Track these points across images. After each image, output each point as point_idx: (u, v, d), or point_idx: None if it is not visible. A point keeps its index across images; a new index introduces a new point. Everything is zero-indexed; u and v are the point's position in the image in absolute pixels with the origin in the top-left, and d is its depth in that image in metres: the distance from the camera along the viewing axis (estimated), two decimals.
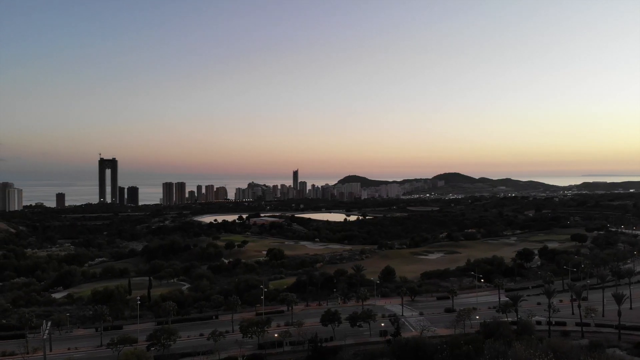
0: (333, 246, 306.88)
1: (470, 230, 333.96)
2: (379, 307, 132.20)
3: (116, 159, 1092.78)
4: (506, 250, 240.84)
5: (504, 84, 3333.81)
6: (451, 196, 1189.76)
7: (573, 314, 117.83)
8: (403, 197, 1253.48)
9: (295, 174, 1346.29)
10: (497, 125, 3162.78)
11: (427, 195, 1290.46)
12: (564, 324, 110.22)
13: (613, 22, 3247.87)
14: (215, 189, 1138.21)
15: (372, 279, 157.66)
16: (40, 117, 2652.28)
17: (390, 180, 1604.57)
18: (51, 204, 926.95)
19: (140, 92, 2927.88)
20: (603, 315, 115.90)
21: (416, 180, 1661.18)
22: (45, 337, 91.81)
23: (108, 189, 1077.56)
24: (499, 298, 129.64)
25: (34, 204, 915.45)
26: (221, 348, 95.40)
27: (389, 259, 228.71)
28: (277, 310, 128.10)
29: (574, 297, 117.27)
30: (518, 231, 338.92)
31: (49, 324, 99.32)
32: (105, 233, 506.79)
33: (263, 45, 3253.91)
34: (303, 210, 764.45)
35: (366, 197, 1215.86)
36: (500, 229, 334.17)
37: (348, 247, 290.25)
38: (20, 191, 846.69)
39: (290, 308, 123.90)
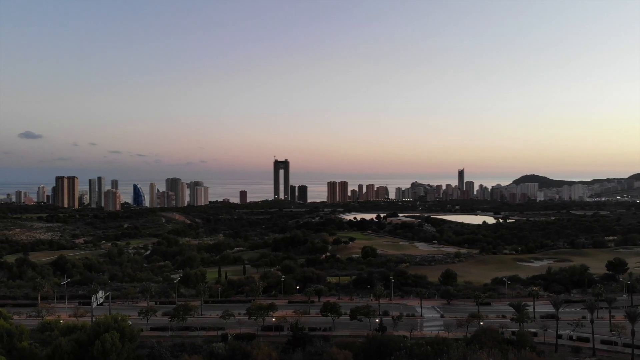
0: (446, 249, 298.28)
1: (608, 238, 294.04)
2: (409, 306, 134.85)
3: (288, 160, 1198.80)
4: (632, 261, 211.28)
5: None
6: None
7: (611, 331, 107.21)
8: (588, 199, 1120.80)
9: (461, 173, 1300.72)
10: None
11: (618, 197, 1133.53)
12: (587, 339, 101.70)
13: None
14: (375, 189, 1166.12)
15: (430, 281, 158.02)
16: (231, 121, 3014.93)
17: (577, 180, 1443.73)
18: (235, 200, 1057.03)
19: (308, 97, 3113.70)
20: None
21: (608, 180, 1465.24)
22: (94, 305, 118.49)
23: (281, 187, 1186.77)
24: (534, 307, 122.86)
25: (220, 200, 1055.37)
26: (231, 327, 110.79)
27: (484, 264, 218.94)
28: (307, 300, 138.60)
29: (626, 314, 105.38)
30: None
31: (108, 294, 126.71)
32: (263, 226, 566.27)
33: (436, 42, 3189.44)
34: (455, 212, 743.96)
35: (542, 199, 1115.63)
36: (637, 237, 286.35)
37: (463, 250, 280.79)
38: (206, 188, 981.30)
39: (315, 299, 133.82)
